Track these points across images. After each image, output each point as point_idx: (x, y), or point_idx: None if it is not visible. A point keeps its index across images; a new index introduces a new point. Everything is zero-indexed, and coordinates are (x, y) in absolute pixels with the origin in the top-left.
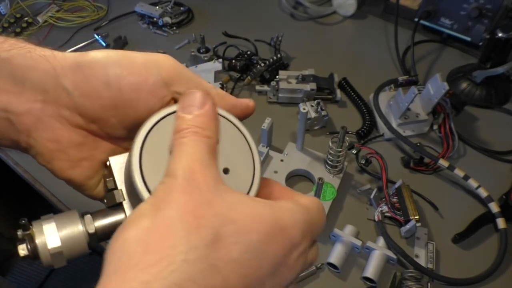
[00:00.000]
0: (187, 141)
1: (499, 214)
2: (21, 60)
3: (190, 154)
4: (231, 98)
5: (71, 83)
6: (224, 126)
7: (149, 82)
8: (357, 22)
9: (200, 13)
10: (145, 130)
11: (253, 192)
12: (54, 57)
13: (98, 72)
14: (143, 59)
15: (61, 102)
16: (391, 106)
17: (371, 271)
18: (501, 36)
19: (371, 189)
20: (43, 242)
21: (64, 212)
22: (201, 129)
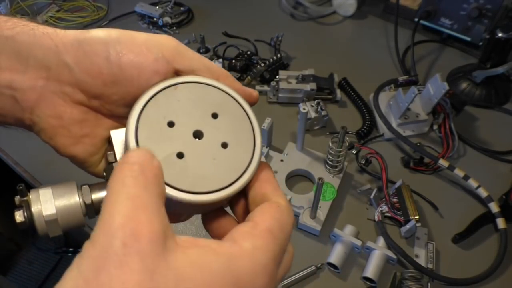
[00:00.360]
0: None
1: (499, 214)
2: (25, 38)
3: (133, 196)
4: (235, 82)
5: (73, 59)
6: (226, 101)
7: (150, 59)
8: (357, 22)
9: (200, 13)
10: (142, 102)
11: (250, 172)
12: (56, 34)
13: (99, 49)
14: (144, 38)
15: (63, 78)
16: (391, 106)
17: (371, 271)
18: (501, 36)
19: (371, 189)
20: (39, 209)
21: (63, 182)
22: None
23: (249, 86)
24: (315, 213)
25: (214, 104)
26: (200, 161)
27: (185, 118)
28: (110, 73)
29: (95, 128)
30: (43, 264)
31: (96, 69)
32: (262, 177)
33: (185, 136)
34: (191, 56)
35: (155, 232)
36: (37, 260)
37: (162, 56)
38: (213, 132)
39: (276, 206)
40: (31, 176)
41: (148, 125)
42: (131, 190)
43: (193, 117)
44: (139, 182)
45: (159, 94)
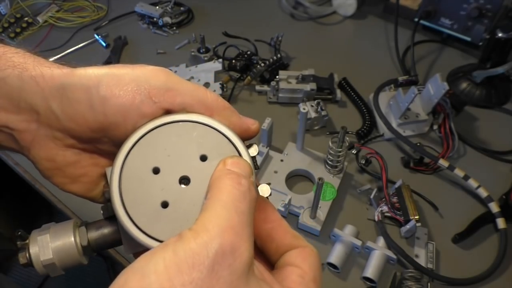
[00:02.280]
0: (240, 196)
1: (499, 214)
2: (15, 81)
3: (239, 212)
4: (232, 115)
5: (58, 106)
6: (216, 140)
7: (135, 102)
8: (357, 22)
9: (200, 13)
10: (125, 151)
11: None
12: (43, 77)
13: (81, 96)
14: (130, 76)
15: (52, 124)
16: (391, 106)
17: (371, 271)
18: (501, 36)
19: (371, 189)
20: (36, 253)
21: (61, 223)
22: (253, 190)
23: (249, 86)
24: (315, 213)
25: (202, 145)
26: (185, 209)
27: (171, 163)
28: (95, 120)
29: (91, 168)
30: None
31: (81, 117)
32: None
33: (171, 183)
34: (182, 90)
35: (249, 254)
36: None
37: (149, 97)
38: (201, 177)
39: (313, 252)
40: (31, 176)
41: (132, 175)
42: (239, 205)
43: (180, 161)
44: (246, 201)
45: (143, 139)
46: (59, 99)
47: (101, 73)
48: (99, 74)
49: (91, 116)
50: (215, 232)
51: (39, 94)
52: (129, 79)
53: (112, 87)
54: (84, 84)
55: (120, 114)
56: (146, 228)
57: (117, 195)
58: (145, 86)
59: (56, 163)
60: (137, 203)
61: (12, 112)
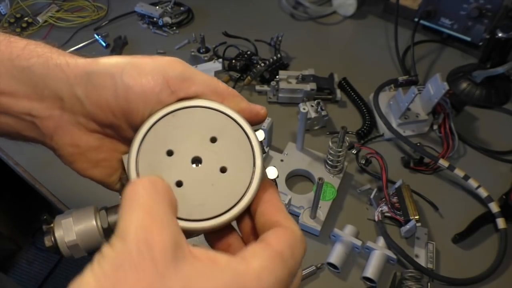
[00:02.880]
0: (141, 191)
1: (499, 214)
2: (40, 69)
3: (145, 207)
4: (241, 101)
5: (83, 92)
6: (225, 124)
7: (155, 91)
8: (357, 22)
9: (200, 13)
10: (141, 134)
11: (249, 196)
12: (68, 65)
13: (106, 82)
14: (150, 67)
15: (76, 110)
16: (391, 106)
17: (371, 271)
18: (501, 36)
19: (371, 189)
20: (61, 235)
21: (83, 208)
22: (159, 183)
23: (249, 86)
24: (315, 213)
25: (213, 128)
26: (198, 188)
27: (184, 145)
28: (117, 105)
29: (111, 153)
30: (43, 264)
31: (104, 102)
32: (268, 201)
33: (184, 164)
34: (197, 80)
35: (165, 242)
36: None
37: (167, 87)
38: (212, 157)
39: (291, 232)
40: (31, 177)
41: (147, 156)
42: (143, 201)
43: (192, 143)
44: (151, 194)
45: (158, 123)
46: (84, 85)
47: (124, 62)
48: (122, 62)
49: (114, 101)
50: (128, 237)
51: (64, 81)
52: (149, 68)
53: (135, 75)
54: (109, 71)
55: (142, 100)
56: None
57: (134, 175)
58: (164, 75)
59: (80, 148)
60: None
61: (35, 99)
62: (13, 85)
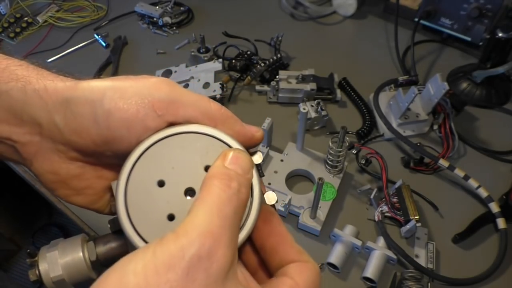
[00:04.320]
0: (225, 199)
1: (499, 214)
2: (18, 94)
3: (225, 216)
4: (235, 124)
5: (62, 120)
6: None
7: (139, 115)
8: (357, 22)
9: (200, 13)
10: (130, 164)
11: (247, 228)
12: (46, 91)
13: (86, 110)
14: (134, 89)
15: (55, 137)
16: (391, 106)
17: (371, 271)
18: (501, 36)
19: (371, 189)
20: (46, 270)
21: (70, 239)
22: (243, 189)
23: (249, 86)
24: (315, 213)
25: (207, 156)
26: None
27: (175, 176)
28: (99, 133)
29: (94, 180)
30: None
31: (84, 130)
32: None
33: (176, 196)
34: (185, 102)
35: (227, 259)
36: None
37: (152, 110)
38: None
39: (313, 268)
40: (31, 176)
41: (137, 188)
42: (224, 208)
43: (184, 173)
44: (232, 204)
45: (147, 152)
46: (63, 112)
47: (104, 86)
48: (103, 87)
49: (94, 130)
50: (194, 236)
51: (42, 108)
52: (132, 92)
53: (116, 100)
54: (88, 98)
55: (124, 127)
56: None
57: (123, 209)
58: (148, 98)
59: (60, 176)
60: (143, 217)
61: (14, 124)
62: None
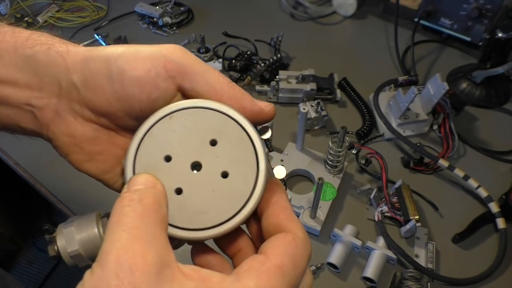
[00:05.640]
0: (127, 208)
1: (499, 214)
2: (42, 56)
3: (130, 226)
4: (243, 98)
5: (79, 78)
6: (226, 125)
7: (151, 75)
8: (357, 22)
9: (200, 13)
10: (138, 138)
11: (253, 201)
12: (67, 52)
13: (101, 67)
14: (148, 51)
15: (72, 97)
16: (391, 106)
17: (371, 271)
18: (501, 36)
19: (371, 189)
20: (63, 245)
21: (85, 215)
22: (148, 197)
23: (249, 86)
24: (315, 213)
25: (212, 130)
26: (199, 195)
27: (182, 150)
28: (112, 91)
29: (108, 146)
30: (43, 264)
31: (99, 87)
32: (275, 203)
33: (183, 170)
34: (196, 70)
35: (149, 263)
36: (37, 260)
37: (164, 71)
38: (212, 162)
39: (290, 239)
40: (31, 177)
41: (145, 162)
42: (128, 220)
43: (191, 147)
44: (137, 212)
45: (155, 126)
46: (81, 71)
47: (121, 49)
48: (119, 49)
49: (109, 87)
50: (107, 262)
51: (63, 67)
52: (146, 53)
53: (130, 59)
54: (105, 56)
55: (136, 85)
56: None
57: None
58: (160, 59)
59: (75, 138)
60: None
61: (35, 88)
62: (16, 74)
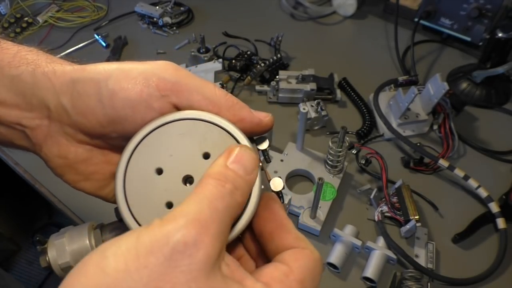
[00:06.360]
0: (215, 191)
1: (499, 214)
2: (28, 78)
3: (216, 208)
4: (241, 110)
5: (68, 101)
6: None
7: (143, 95)
8: (357, 22)
9: (200, 13)
10: (129, 151)
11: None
12: (54, 74)
13: (91, 90)
14: (138, 70)
15: (62, 119)
16: (391, 106)
17: (371, 271)
18: (501, 36)
19: (371, 189)
20: (54, 257)
21: (78, 226)
22: (238, 192)
23: (249, 86)
24: (315, 213)
25: (205, 143)
26: None
27: (174, 163)
28: (104, 114)
29: (102, 165)
30: None
31: (90, 111)
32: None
33: (174, 183)
34: (190, 86)
35: (213, 250)
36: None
37: (156, 90)
38: None
39: (310, 255)
40: (31, 177)
41: (136, 176)
42: (215, 202)
43: (183, 160)
44: (224, 202)
45: (146, 138)
46: (70, 93)
47: (111, 68)
48: (109, 69)
49: (100, 110)
50: (181, 222)
51: (50, 90)
52: (137, 72)
53: (121, 80)
54: (94, 78)
55: (128, 107)
56: None
57: (122, 197)
58: (153, 79)
59: (68, 160)
60: (142, 204)
61: (25, 109)
62: (3, 94)
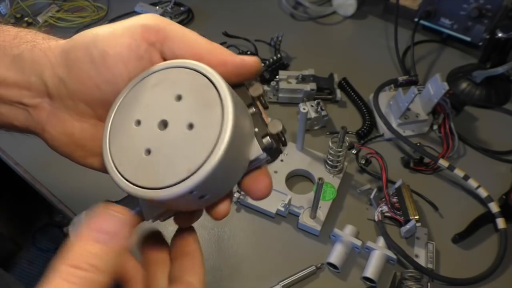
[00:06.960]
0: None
1: (499, 214)
2: (28, 55)
3: None
4: (222, 53)
5: (63, 71)
6: (192, 79)
7: (132, 48)
8: (357, 22)
9: (200, 13)
10: (113, 109)
11: (218, 151)
12: (49, 48)
13: (82, 54)
14: (124, 26)
15: (61, 92)
16: (391, 106)
17: (371, 271)
18: (501, 36)
19: (371, 189)
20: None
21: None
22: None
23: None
24: (315, 213)
25: (176, 86)
26: (167, 151)
27: (149, 112)
28: (98, 74)
29: None
30: (43, 264)
31: (85, 75)
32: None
33: (151, 131)
34: (173, 34)
35: None
36: (37, 260)
37: (143, 41)
38: (177, 118)
39: None
40: (31, 177)
41: (118, 131)
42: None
43: (157, 107)
44: None
45: (126, 97)
46: (64, 64)
47: (97, 30)
48: (96, 31)
49: (94, 71)
50: None
51: (47, 65)
52: (122, 28)
53: (109, 38)
54: (83, 42)
55: (121, 62)
56: (133, 178)
57: (107, 153)
58: (138, 30)
59: (74, 136)
60: (124, 157)
61: (24, 87)
62: (4, 72)
